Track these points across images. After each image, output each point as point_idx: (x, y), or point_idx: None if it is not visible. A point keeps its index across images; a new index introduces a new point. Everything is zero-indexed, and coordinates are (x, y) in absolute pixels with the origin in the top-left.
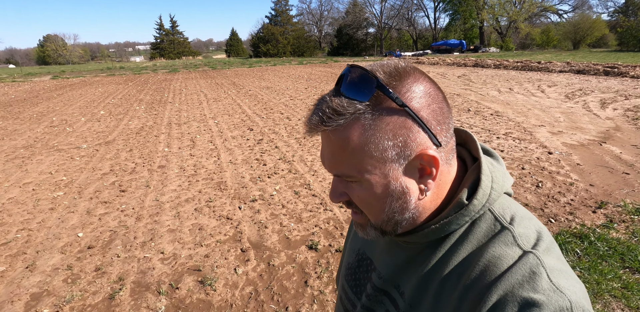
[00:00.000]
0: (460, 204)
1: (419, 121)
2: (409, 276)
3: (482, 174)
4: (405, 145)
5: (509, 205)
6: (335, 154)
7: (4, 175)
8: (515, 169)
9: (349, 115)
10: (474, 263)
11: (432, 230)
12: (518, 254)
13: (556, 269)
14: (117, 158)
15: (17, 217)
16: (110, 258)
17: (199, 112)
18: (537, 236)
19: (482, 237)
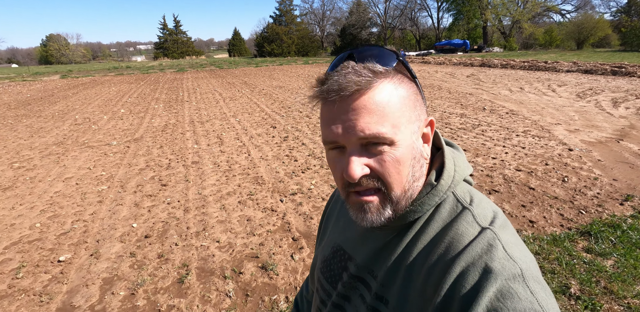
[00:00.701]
0: (430, 184)
1: (421, 92)
2: (382, 260)
3: (446, 158)
4: (420, 109)
5: (468, 189)
6: (369, 113)
7: (44, 170)
8: (539, 164)
9: (381, 75)
10: (439, 241)
11: (407, 211)
12: (477, 230)
13: (510, 242)
14: (150, 154)
15: (69, 209)
16: (169, 246)
17: (218, 110)
18: (493, 215)
19: (446, 218)
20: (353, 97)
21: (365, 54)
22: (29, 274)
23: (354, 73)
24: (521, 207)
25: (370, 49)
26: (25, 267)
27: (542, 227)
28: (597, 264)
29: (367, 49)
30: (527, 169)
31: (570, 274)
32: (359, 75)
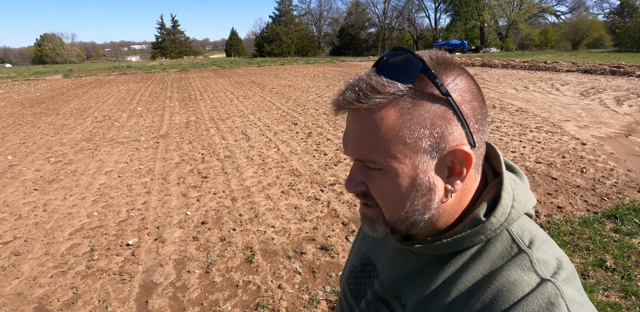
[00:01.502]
0: (476, 220)
1: (459, 114)
2: (412, 288)
3: (503, 190)
4: (441, 137)
5: (529, 227)
6: (363, 136)
7: (82, 164)
8: (557, 157)
9: (388, 95)
10: (485, 286)
11: (444, 244)
12: (535, 281)
13: (577, 302)
14: (181, 149)
15: (119, 199)
16: (228, 231)
17: (235, 108)
18: (557, 263)
19: (497, 259)
20: (354, 115)
21: (390, 62)
22: (102, 256)
23: (355, 90)
24: (547, 194)
25: (397, 55)
26: (97, 251)
27: (570, 212)
28: (627, 242)
29: (397, 53)
30: (546, 162)
31: (603, 250)
32: (358, 94)
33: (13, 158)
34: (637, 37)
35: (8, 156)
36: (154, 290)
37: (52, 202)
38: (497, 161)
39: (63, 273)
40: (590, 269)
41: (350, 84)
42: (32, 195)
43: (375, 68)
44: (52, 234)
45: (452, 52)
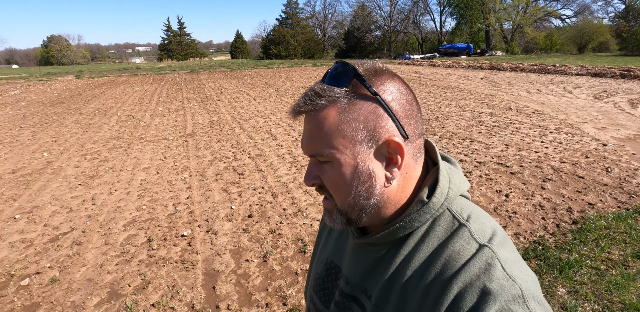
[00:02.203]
0: (421, 202)
1: (388, 110)
2: (375, 279)
3: (440, 175)
4: (374, 129)
5: (466, 205)
6: (312, 134)
7: (119, 161)
8: (580, 157)
9: (327, 97)
10: (435, 259)
11: (397, 228)
12: (475, 247)
13: (510, 260)
14: (212, 148)
15: (163, 194)
16: (276, 224)
17: (254, 109)
18: (492, 231)
19: (442, 234)
20: (305, 117)
21: (332, 72)
22: (160, 246)
23: (304, 97)
24: (577, 192)
25: (338, 67)
26: (154, 241)
27: (602, 208)
28: None
29: (337, 66)
30: (571, 162)
31: None
32: (305, 99)
33: (49, 155)
34: None
35: (44, 153)
36: (217, 277)
37: (99, 197)
38: (434, 153)
39: (127, 261)
40: (630, 260)
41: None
42: (77, 190)
43: (322, 79)
44: (106, 225)
45: (458, 55)
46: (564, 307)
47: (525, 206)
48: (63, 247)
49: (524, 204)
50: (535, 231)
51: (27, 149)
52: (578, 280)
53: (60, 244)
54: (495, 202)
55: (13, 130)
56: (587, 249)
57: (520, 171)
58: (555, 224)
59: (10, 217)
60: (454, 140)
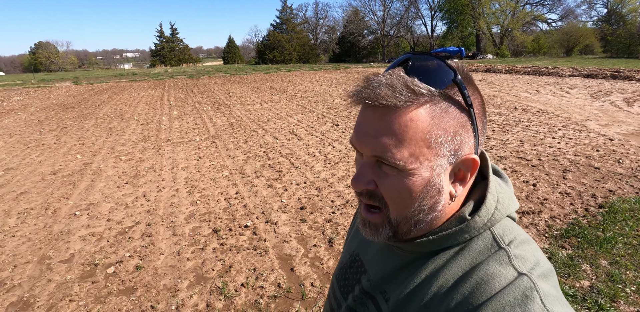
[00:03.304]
0: (461, 219)
1: (475, 127)
2: (397, 283)
3: (489, 192)
4: (460, 145)
5: (510, 228)
6: (389, 134)
7: (155, 161)
8: (592, 151)
9: (421, 96)
10: (465, 280)
11: (430, 241)
12: (513, 275)
13: (551, 295)
14: (241, 148)
15: (212, 190)
16: (329, 214)
17: (269, 111)
18: (535, 260)
19: (477, 255)
20: (379, 111)
21: (419, 65)
22: (228, 235)
23: (389, 87)
24: (596, 181)
25: (428, 60)
26: (220, 231)
27: (622, 194)
28: None
29: (426, 58)
30: (584, 155)
31: None
32: (393, 91)
33: (82, 157)
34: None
35: (77, 155)
36: (292, 260)
37: (150, 194)
38: (486, 165)
39: (201, 249)
40: None
41: (378, 80)
42: (125, 188)
43: (402, 68)
44: (168, 219)
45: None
46: (610, 275)
47: (553, 194)
48: (134, 239)
49: (551, 192)
50: (568, 215)
51: (57, 152)
52: (616, 253)
53: (131, 236)
54: (525, 191)
55: (34, 134)
56: (617, 228)
57: (540, 163)
58: (583, 208)
59: (70, 214)
60: None
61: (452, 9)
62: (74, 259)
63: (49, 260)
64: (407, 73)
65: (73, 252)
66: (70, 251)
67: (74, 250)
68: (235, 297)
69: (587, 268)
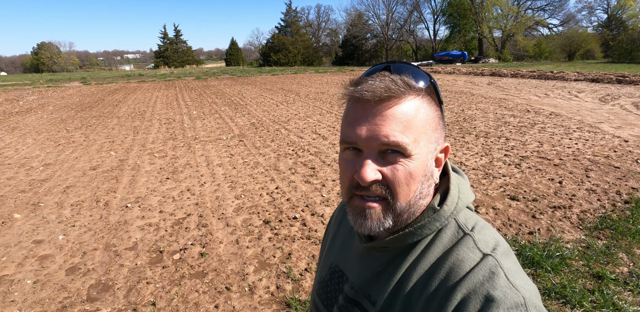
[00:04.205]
0: (433, 209)
1: (444, 119)
2: (380, 285)
3: (451, 184)
4: (440, 134)
5: (470, 216)
6: (396, 121)
7: (189, 158)
8: (609, 151)
9: (418, 90)
10: (440, 266)
11: (406, 233)
12: (479, 256)
13: (512, 270)
14: (269, 146)
15: (252, 186)
16: None
17: (286, 112)
18: (495, 242)
19: (447, 243)
20: (384, 102)
21: (402, 69)
22: (279, 226)
23: (390, 81)
24: (618, 179)
25: (407, 66)
26: (271, 222)
27: None
28: None
29: (404, 65)
30: (602, 155)
31: None
32: (395, 84)
33: (116, 154)
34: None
35: (110, 152)
36: None
37: (193, 188)
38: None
39: (258, 238)
40: None
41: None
42: (167, 183)
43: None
44: (217, 211)
45: (452, 62)
46: None
47: (579, 191)
48: (191, 229)
49: (578, 189)
50: (598, 209)
51: (90, 149)
52: None
53: (188, 227)
54: (553, 188)
55: (61, 132)
56: None
57: (561, 163)
58: (610, 203)
59: (121, 206)
60: (490, 138)
61: (455, 13)
62: (138, 246)
63: (114, 247)
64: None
65: (135, 241)
66: (132, 240)
67: (135, 238)
68: (302, 281)
69: (624, 256)
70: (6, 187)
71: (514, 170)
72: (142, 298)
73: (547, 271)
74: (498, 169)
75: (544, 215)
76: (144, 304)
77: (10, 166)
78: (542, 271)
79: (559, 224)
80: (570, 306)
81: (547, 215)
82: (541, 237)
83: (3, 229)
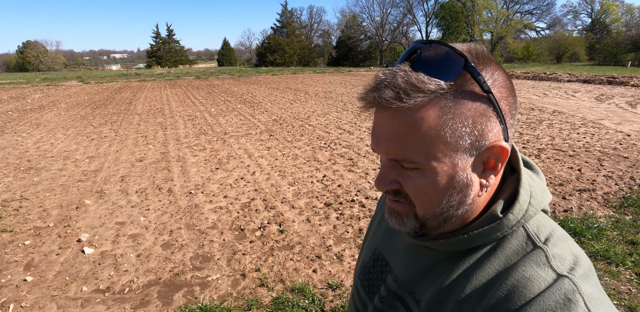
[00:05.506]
0: (493, 217)
1: (499, 111)
2: (427, 284)
3: (521, 187)
4: (481, 135)
5: (545, 223)
6: (401, 136)
7: (229, 151)
8: (615, 144)
9: (429, 93)
10: (500, 282)
11: (459, 240)
12: (552, 277)
13: (595, 298)
14: (301, 140)
15: (300, 175)
16: None
17: (303, 110)
18: (574, 259)
19: (512, 255)
20: (389, 113)
21: (427, 57)
22: (341, 208)
23: (393, 88)
24: (629, 167)
25: (437, 49)
26: (332, 205)
27: None
28: None
29: (433, 47)
30: (610, 148)
31: None
32: (398, 93)
33: (154, 147)
34: (614, 52)
35: (149, 146)
36: None
37: (246, 177)
38: (515, 157)
39: (326, 218)
40: None
41: (384, 80)
42: (219, 172)
43: (409, 63)
44: (278, 196)
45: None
46: None
47: (598, 177)
48: (261, 211)
49: (596, 175)
50: (618, 192)
51: (126, 143)
52: None
53: (257, 209)
54: (574, 175)
55: (88, 128)
56: None
57: (576, 154)
58: (627, 187)
59: (185, 192)
60: None
61: (448, 16)
62: (218, 226)
63: (196, 227)
64: (414, 67)
65: (213, 221)
66: (209, 220)
67: (212, 219)
68: None
69: None
70: (62, 177)
71: (535, 160)
72: (244, 266)
73: (589, 239)
74: None
75: (572, 197)
76: (249, 270)
77: (54, 159)
78: (585, 239)
79: (587, 204)
80: (614, 264)
81: (575, 197)
82: (576, 213)
83: (80, 213)
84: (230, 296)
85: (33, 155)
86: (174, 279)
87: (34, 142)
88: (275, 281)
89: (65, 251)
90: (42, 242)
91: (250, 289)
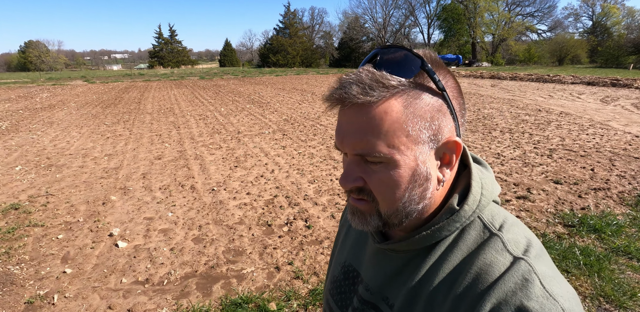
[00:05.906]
0: (451, 210)
1: (452, 109)
2: (398, 287)
3: (473, 180)
4: (438, 129)
5: (497, 212)
6: (366, 130)
7: (245, 149)
8: (625, 145)
9: (392, 88)
10: (464, 271)
11: (423, 236)
12: (509, 260)
13: (548, 276)
14: (314, 139)
15: (319, 173)
16: None
17: (312, 110)
18: (527, 242)
19: (472, 244)
20: (354, 109)
21: (387, 58)
22: None
23: (359, 84)
24: None
25: (395, 52)
26: None
27: None
28: None
29: (392, 51)
30: (620, 148)
31: None
32: (363, 88)
33: (170, 146)
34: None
35: (165, 144)
36: None
37: (266, 175)
38: (465, 154)
39: None
40: None
41: (348, 79)
42: (238, 170)
43: (371, 64)
44: (300, 193)
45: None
46: None
47: (611, 176)
48: (285, 207)
49: (609, 175)
50: (632, 191)
51: (142, 141)
52: None
53: (281, 205)
54: (587, 174)
55: (101, 126)
56: None
57: (587, 154)
58: None
59: (207, 189)
60: (515, 133)
61: (450, 18)
62: (245, 221)
63: (224, 222)
64: (376, 67)
65: (240, 217)
66: (236, 216)
67: (239, 215)
68: None
69: None
70: (83, 174)
71: (548, 160)
72: (276, 259)
73: (609, 236)
74: (533, 159)
75: (588, 195)
76: (282, 264)
77: (73, 156)
78: (605, 236)
79: (603, 202)
80: (636, 260)
81: (591, 195)
82: (594, 211)
83: (107, 209)
84: (267, 287)
85: (51, 152)
86: (210, 271)
87: (50, 140)
88: (309, 273)
89: (99, 245)
90: (75, 237)
91: (286, 281)
